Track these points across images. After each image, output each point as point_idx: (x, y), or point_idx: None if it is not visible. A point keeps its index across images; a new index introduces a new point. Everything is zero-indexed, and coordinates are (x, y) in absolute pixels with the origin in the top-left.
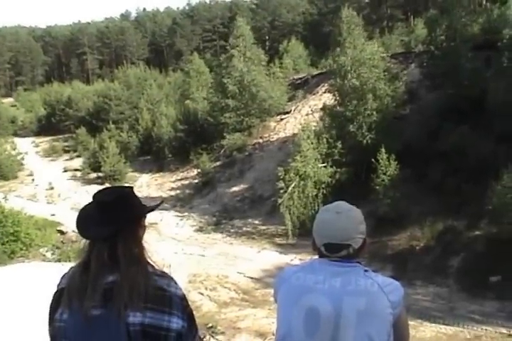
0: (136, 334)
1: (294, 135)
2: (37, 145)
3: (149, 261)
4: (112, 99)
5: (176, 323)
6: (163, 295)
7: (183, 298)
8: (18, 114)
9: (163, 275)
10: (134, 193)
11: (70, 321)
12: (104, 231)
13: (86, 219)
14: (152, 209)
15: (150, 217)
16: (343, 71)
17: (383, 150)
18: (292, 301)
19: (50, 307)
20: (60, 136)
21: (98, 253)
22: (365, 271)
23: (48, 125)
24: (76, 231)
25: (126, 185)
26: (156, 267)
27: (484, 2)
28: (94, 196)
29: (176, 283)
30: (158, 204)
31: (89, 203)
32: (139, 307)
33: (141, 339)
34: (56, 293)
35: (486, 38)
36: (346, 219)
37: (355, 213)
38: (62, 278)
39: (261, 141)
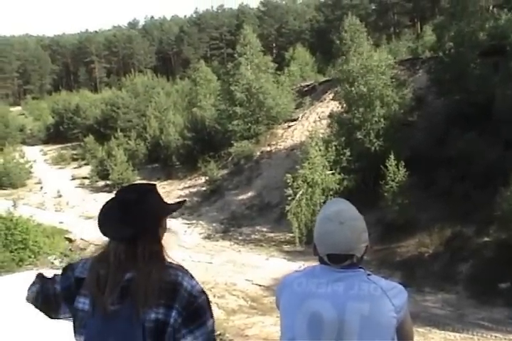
0: (151, 331)
1: (302, 142)
2: (45, 154)
3: (167, 257)
4: (120, 107)
5: (173, 318)
6: (172, 289)
7: (194, 295)
8: (26, 123)
9: (179, 268)
10: (156, 191)
11: (91, 313)
12: (125, 232)
13: (106, 216)
14: (174, 209)
15: None
16: (351, 78)
17: (392, 156)
18: (295, 307)
19: (68, 290)
20: (68, 144)
21: (116, 252)
22: (368, 275)
23: (56, 133)
24: (84, 238)
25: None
26: (173, 261)
27: (491, 7)
28: (116, 193)
29: (190, 277)
30: (181, 203)
31: (111, 199)
32: (154, 304)
33: (154, 335)
34: (75, 279)
35: (494, 44)
36: (349, 229)
37: (358, 222)
38: (75, 265)
39: (268, 148)
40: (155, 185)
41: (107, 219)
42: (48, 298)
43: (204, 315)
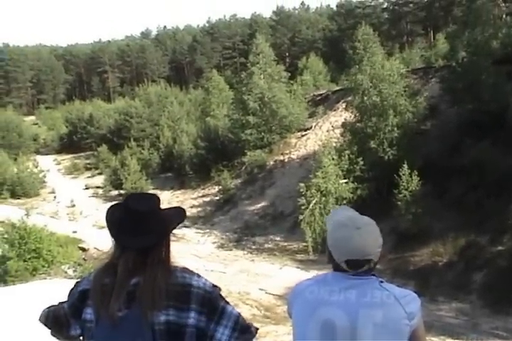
0: (161, 333)
1: (315, 151)
2: (59, 163)
3: (172, 261)
4: (133, 117)
5: (193, 318)
6: (183, 291)
7: (208, 291)
8: (40, 132)
9: (185, 270)
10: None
11: (96, 322)
12: (143, 242)
13: (119, 225)
14: (181, 220)
15: (171, 234)
16: (361, 89)
17: (405, 165)
18: (307, 315)
19: (73, 306)
20: (82, 154)
21: (127, 259)
22: (381, 282)
23: (70, 143)
24: (98, 248)
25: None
26: (178, 265)
27: (504, 16)
28: (127, 203)
29: (198, 276)
30: (183, 214)
31: (118, 207)
32: (162, 306)
33: (166, 337)
34: (78, 293)
35: (507, 52)
36: (367, 235)
37: (373, 227)
38: (81, 281)
39: (282, 157)
40: (156, 195)
41: (119, 227)
42: (58, 317)
43: (220, 303)
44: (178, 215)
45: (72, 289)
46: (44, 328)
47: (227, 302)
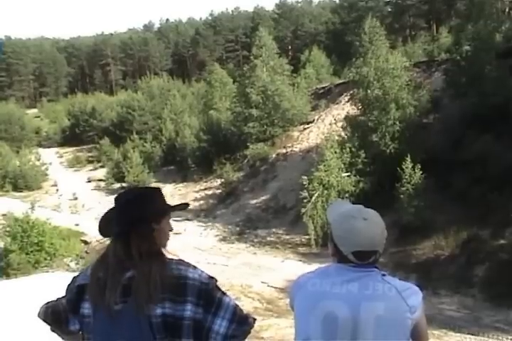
0: (158, 326)
1: (318, 144)
2: (61, 156)
3: (166, 254)
4: (136, 110)
5: (190, 311)
6: (179, 283)
7: (204, 283)
8: (42, 125)
9: (181, 262)
10: (157, 194)
11: (94, 316)
12: (114, 229)
13: (104, 218)
14: (165, 210)
15: (173, 227)
16: (366, 82)
17: (408, 159)
18: (309, 308)
19: (71, 301)
20: (84, 147)
21: (115, 250)
22: (383, 275)
23: (72, 136)
24: (100, 240)
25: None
26: (173, 257)
27: (507, 10)
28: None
29: (194, 268)
30: (180, 205)
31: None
32: (158, 299)
33: (163, 330)
34: (76, 288)
35: (510, 46)
36: (375, 226)
37: (379, 218)
38: (77, 276)
39: (284, 150)
40: (157, 188)
41: (102, 219)
42: (57, 313)
43: (217, 294)
44: (175, 207)
45: (69, 284)
46: (44, 323)
47: (224, 293)
